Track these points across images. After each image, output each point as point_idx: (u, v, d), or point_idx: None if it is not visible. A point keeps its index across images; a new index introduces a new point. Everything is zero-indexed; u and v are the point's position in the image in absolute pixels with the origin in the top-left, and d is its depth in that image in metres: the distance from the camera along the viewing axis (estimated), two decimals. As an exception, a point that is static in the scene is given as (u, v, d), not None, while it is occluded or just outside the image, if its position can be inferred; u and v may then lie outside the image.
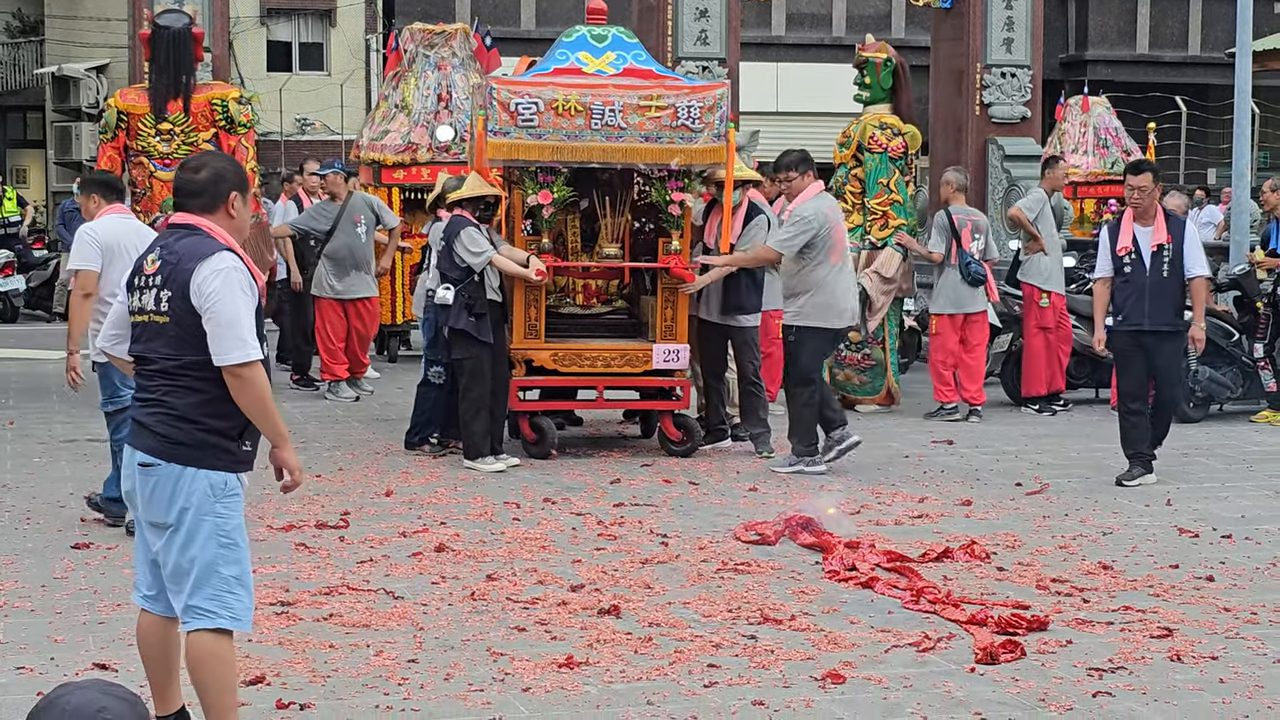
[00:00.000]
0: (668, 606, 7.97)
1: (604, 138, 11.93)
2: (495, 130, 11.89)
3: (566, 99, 11.87)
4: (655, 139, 11.98)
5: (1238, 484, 11.49)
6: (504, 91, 11.90)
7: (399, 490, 10.97)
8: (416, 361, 19.08)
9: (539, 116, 11.86)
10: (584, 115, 11.89)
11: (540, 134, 11.86)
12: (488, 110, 11.94)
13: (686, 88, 12.21)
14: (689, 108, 12.00)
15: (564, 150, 11.94)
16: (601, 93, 11.94)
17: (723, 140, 12.14)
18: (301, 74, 34.16)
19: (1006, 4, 21.01)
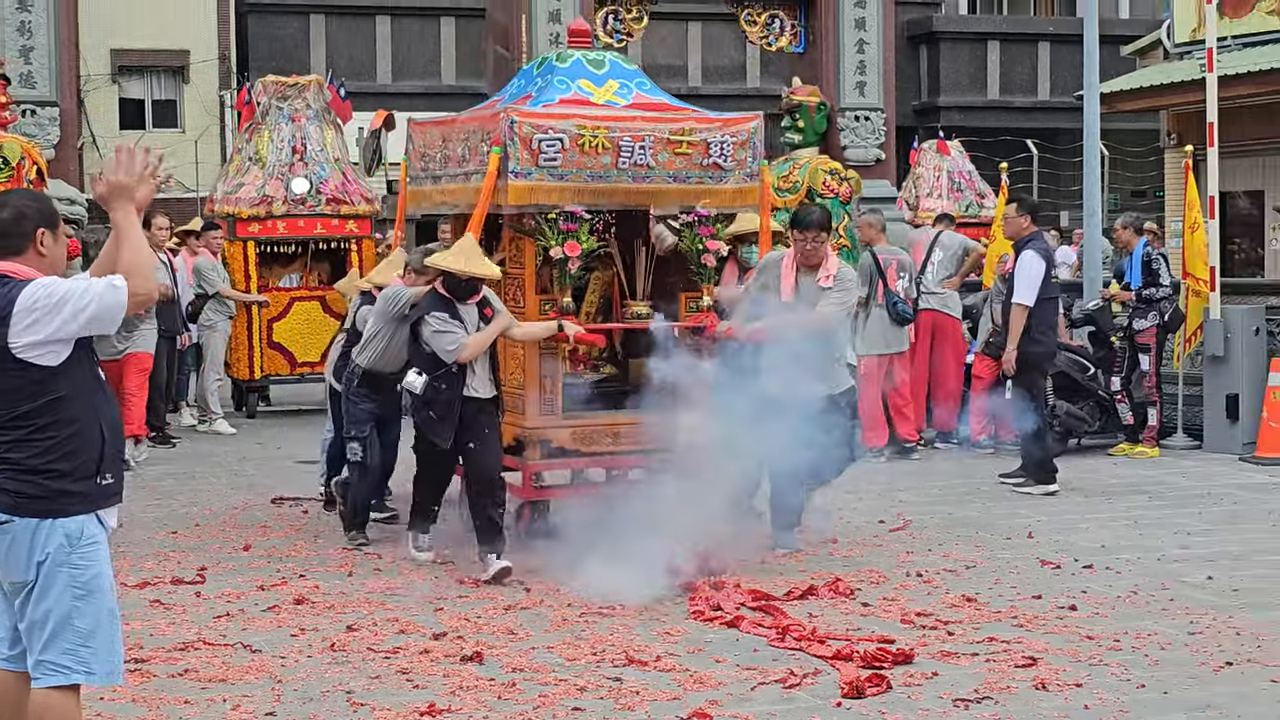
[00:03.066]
0: (531, 651, 7.87)
1: (631, 178, 10.23)
2: (516, 172, 9.96)
3: (594, 134, 10.11)
4: (683, 179, 10.36)
5: (1097, 515, 11.59)
6: (526, 125, 9.97)
7: (258, 544, 10.78)
8: (278, 417, 18.91)
9: (562, 155, 10.04)
10: (612, 152, 10.14)
11: (563, 175, 10.06)
12: (506, 147, 9.98)
13: (717, 120, 10.55)
14: (721, 144, 10.38)
15: (586, 193, 10.15)
16: (629, 127, 10.21)
17: (755, 180, 10.63)
18: (155, 131, 33.74)
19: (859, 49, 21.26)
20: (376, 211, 20.05)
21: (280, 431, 17.43)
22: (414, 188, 11.38)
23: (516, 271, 10.40)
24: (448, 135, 10.87)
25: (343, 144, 19.85)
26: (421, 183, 11.31)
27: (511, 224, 10.28)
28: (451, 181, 10.82)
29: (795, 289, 10.31)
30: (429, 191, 11.21)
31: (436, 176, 11.07)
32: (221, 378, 17.98)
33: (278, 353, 18.84)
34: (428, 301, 9.86)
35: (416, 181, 11.33)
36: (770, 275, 10.47)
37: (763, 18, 21.55)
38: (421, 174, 11.31)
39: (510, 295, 10.44)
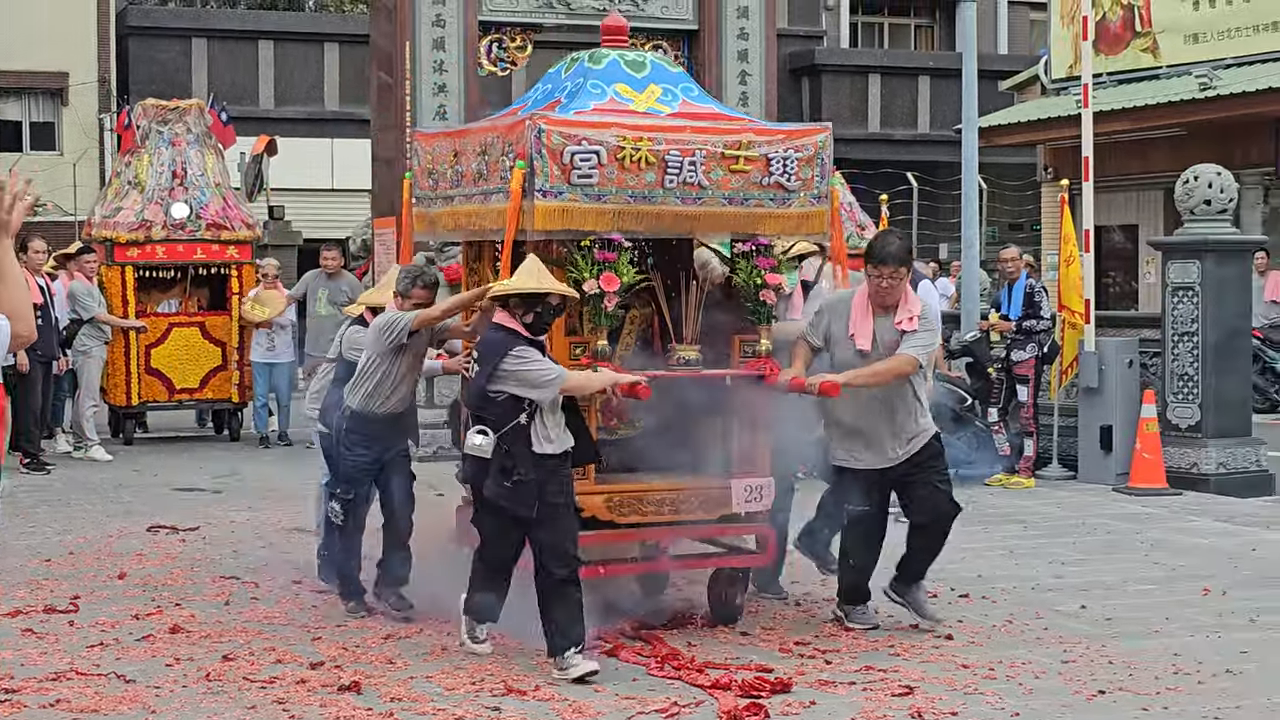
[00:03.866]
0: (410, 681, 7.84)
1: (679, 199, 8.72)
2: (544, 190, 8.44)
3: (637, 147, 8.58)
4: (741, 201, 8.87)
5: (973, 545, 11.69)
6: (556, 135, 8.44)
7: (133, 572, 10.65)
8: (155, 444, 18.70)
9: (599, 171, 8.51)
10: (657, 169, 8.62)
11: (600, 195, 8.55)
12: (532, 161, 8.43)
13: (780, 132, 9.08)
14: (783, 159, 8.89)
15: (627, 217, 8.65)
16: (677, 139, 8.69)
17: (824, 202, 9.08)
18: (33, 154, 33.31)
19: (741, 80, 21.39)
20: (258, 237, 19.92)
21: (158, 458, 17.25)
22: (421, 210, 9.87)
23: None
24: (460, 148, 9.35)
25: (224, 169, 19.71)
26: (430, 204, 9.74)
27: (536, 253, 8.60)
28: (467, 202, 9.26)
29: (871, 333, 8.97)
30: (439, 215, 9.61)
31: (448, 197, 9.48)
32: (97, 403, 17.78)
33: (156, 379, 18.67)
34: (496, 339, 8.17)
35: (424, 203, 9.82)
36: (836, 317, 9.13)
37: (646, 48, 21.60)
38: (430, 194, 9.73)
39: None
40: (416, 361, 9.45)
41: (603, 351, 8.69)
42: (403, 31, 19.17)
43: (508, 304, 8.24)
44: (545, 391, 8.05)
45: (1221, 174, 15.45)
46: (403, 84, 19.08)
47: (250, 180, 27.22)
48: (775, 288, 9.12)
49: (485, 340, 8.29)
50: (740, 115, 9.45)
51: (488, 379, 8.08)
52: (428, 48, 19.35)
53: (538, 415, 8.08)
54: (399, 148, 19.10)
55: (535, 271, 8.28)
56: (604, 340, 8.72)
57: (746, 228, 8.97)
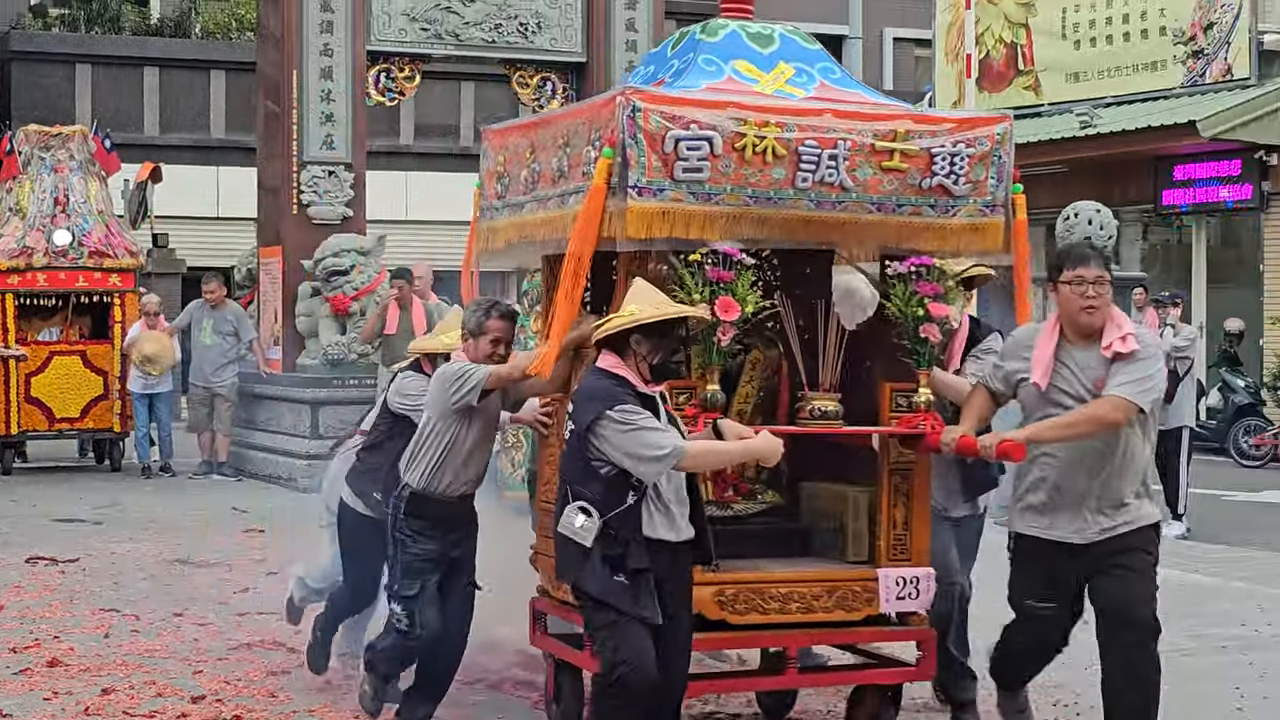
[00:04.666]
0: (292, 715, 7.80)
1: (814, 202, 6.83)
2: (639, 186, 6.60)
3: (760, 134, 6.69)
4: (894, 207, 6.98)
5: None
6: (656, 116, 6.60)
7: (10, 604, 10.50)
8: (35, 474, 18.46)
9: (711, 163, 6.65)
10: (787, 163, 6.75)
11: (712, 194, 6.68)
12: (624, 149, 6.60)
13: (948, 120, 7.18)
14: (950, 156, 7.02)
15: (747, 222, 6.78)
16: (814, 125, 6.82)
17: (999, 212, 7.18)
18: (-89, 179, 32.88)
19: (630, 113, 21.60)
20: (141, 265, 19.77)
21: (37, 489, 17.05)
22: (487, 223, 7.98)
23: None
24: (538, 142, 7.46)
25: (107, 196, 19.56)
26: (497, 215, 7.85)
27: (629, 269, 6.92)
28: (541, 208, 7.32)
29: (1060, 367, 6.81)
30: (504, 226, 7.74)
31: (518, 204, 7.60)
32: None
33: (35, 408, 18.47)
34: (595, 390, 6.25)
35: (490, 214, 7.94)
36: (1018, 354, 7.00)
37: (535, 80, 21.70)
38: (497, 203, 7.87)
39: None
40: (490, 430, 7.43)
41: (714, 400, 6.77)
42: (290, 60, 19.13)
43: (621, 344, 6.28)
44: (651, 468, 6.12)
45: (1101, 211, 15.72)
46: (290, 113, 19.05)
47: (134, 208, 27.00)
48: (940, 321, 7.11)
49: (583, 390, 6.32)
50: (893, 102, 7.43)
51: (582, 444, 6.19)
52: (315, 77, 19.34)
53: (651, 492, 6.24)
54: (285, 176, 19.07)
55: (650, 295, 6.37)
56: (715, 385, 6.79)
57: (900, 242, 7.08)
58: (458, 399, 7.07)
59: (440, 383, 7.20)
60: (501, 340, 7.29)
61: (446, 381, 7.14)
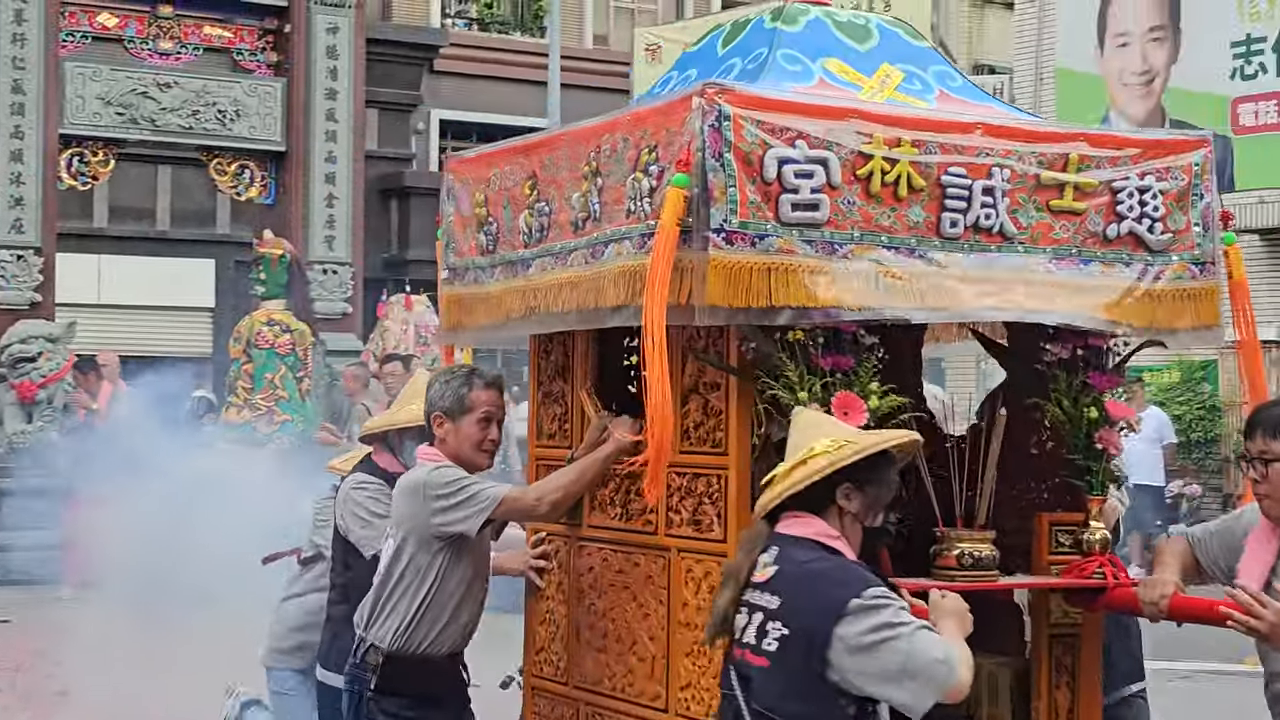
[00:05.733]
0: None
1: (969, 255, 4.98)
2: (728, 230, 4.69)
3: (889, 155, 4.86)
4: (1079, 263, 5.14)
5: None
6: (750, 128, 4.71)
7: None
8: None
9: (827, 197, 4.77)
10: (927, 199, 4.92)
11: (837, 244, 4.79)
12: (705, 175, 4.69)
13: (1131, 143, 5.30)
14: (1140, 192, 5.22)
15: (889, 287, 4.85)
16: (958, 144, 4.96)
17: (1212, 273, 5.37)
18: None
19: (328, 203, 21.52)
20: None
21: None
22: (463, 290, 6.01)
23: (711, 460, 5.16)
24: (546, 171, 5.51)
25: None
26: (484, 278, 5.87)
27: (697, 353, 5.14)
28: (559, 266, 5.38)
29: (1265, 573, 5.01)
30: (499, 294, 5.75)
31: (519, 262, 5.63)
32: None
33: None
34: (829, 570, 4.21)
35: (469, 277, 5.97)
36: (1227, 542, 5.26)
37: (232, 168, 21.62)
38: (481, 261, 5.88)
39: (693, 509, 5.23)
40: (483, 566, 5.65)
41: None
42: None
43: (821, 500, 4.31)
44: (932, 692, 4.06)
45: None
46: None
47: None
48: (1123, 425, 5.34)
49: (808, 578, 4.19)
50: (1040, 121, 5.97)
51: (812, 658, 4.07)
52: (4, 159, 19.00)
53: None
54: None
55: (830, 425, 4.48)
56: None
57: (1093, 315, 5.13)
58: (448, 522, 5.29)
59: (414, 496, 5.34)
60: (492, 418, 5.61)
61: (428, 495, 5.31)
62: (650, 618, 5.37)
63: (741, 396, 4.97)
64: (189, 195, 29.13)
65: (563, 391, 5.90)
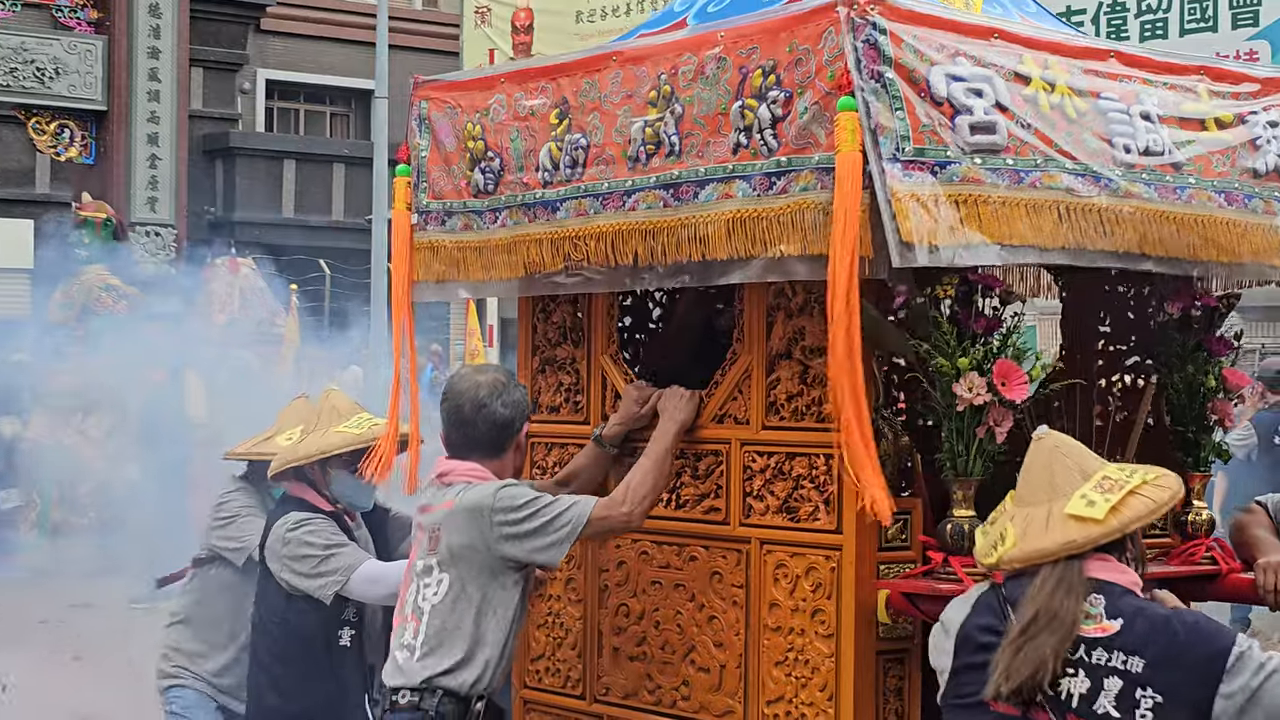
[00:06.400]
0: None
1: (1152, 186, 4.39)
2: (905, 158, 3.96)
3: (1047, 76, 4.27)
4: (1244, 201, 4.64)
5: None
6: (910, 39, 4.05)
7: None
8: None
9: (1004, 120, 4.11)
10: (1095, 126, 4.32)
11: (1022, 172, 4.11)
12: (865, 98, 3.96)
13: (1249, 78, 4.86)
14: (1271, 128, 4.77)
15: (1085, 219, 4.21)
16: (1101, 69, 4.45)
17: None
18: None
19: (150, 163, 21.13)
20: None
21: None
22: (439, 238, 5.23)
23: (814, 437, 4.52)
24: (586, 92, 4.76)
25: None
26: (466, 225, 5.16)
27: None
28: (610, 211, 4.64)
29: None
30: (503, 244, 5.01)
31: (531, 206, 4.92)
32: None
33: None
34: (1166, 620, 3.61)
35: (441, 223, 5.24)
36: None
37: (52, 127, 21.17)
38: (476, 204, 5.12)
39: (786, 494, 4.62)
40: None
41: (961, 535, 4.28)
42: None
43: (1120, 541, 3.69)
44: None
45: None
46: None
47: None
48: (1237, 395, 5.02)
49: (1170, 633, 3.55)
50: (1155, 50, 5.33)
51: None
52: None
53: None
54: None
55: (1087, 455, 3.81)
56: (970, 510, 4.30)
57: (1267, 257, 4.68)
58: (526, 551, 4.60)
59: (474, 522, 4.61)
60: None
61: (495, 520, 4.58)
62: (718, 621, 4.72)
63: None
64: (7, 154, 28.44)
65: (572, 358, 5.20)
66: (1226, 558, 4.79)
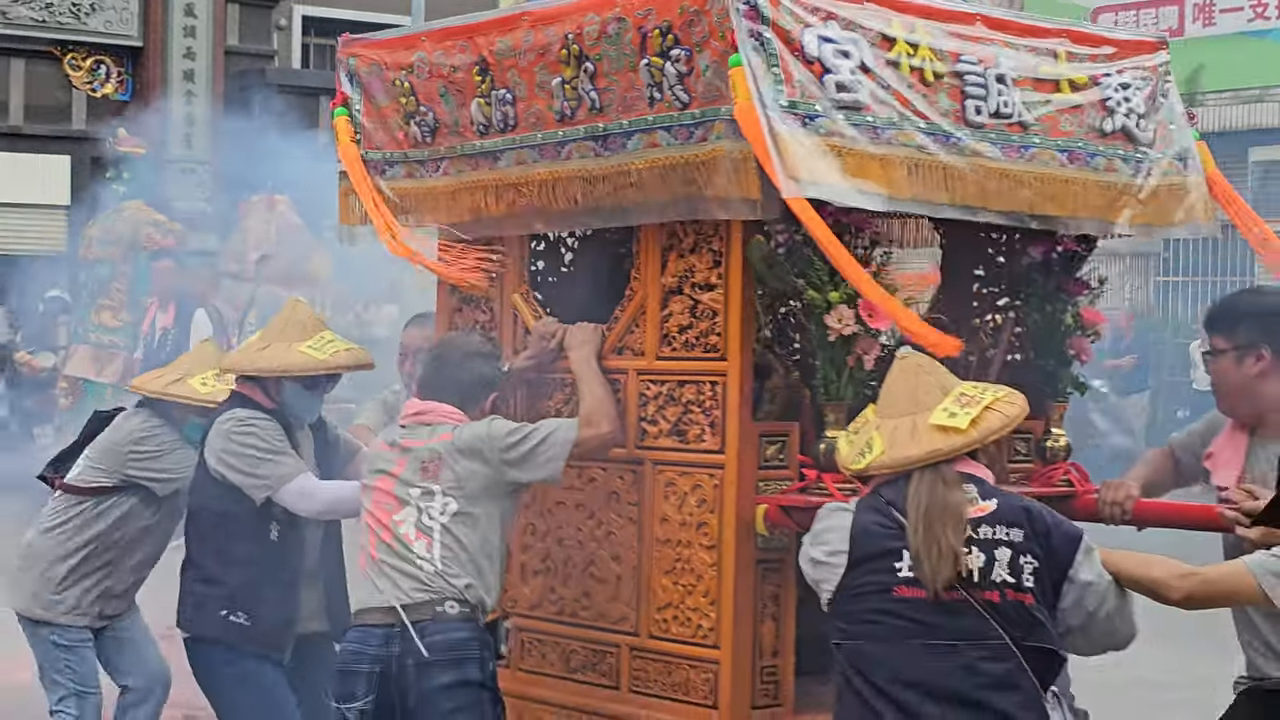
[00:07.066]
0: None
1: (998, 146, 4.77)
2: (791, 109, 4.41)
3: (911, 40, 4.67)
4: (1086, 158, 4.99)
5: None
6: (787, 3, 4.49)
7: None
8: None
9: (866, 80, 4.54)
10: (948, 87, 4.71)
11: (879, 128, 4.54)
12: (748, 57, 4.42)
13: (1107, 41, 5.22)
14: (1123, 90, 5.12)
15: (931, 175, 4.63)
16: (966, 32, 4.82)
17: (1195, 167, 5.32)
18: None
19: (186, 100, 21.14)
20: None
21: None
22: (396, 184, 5.58)
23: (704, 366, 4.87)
24: (507, 55, 5.10)
25: None
26: (410, 174, 5.53)
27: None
28: (548, 160, 5.04)
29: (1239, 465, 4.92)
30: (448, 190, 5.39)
31: (484, 154, 5.27)
32: None
33: None
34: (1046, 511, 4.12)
35: (383, 173, 5.60)
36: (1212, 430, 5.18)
37: (88, 63, 21.18)
38: (418, 154, 5.50)
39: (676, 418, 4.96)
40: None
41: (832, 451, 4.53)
42: None
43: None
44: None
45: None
46: None
47: None
48: (1093, 332, 5.37)
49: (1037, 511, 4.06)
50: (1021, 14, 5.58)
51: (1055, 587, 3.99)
52: None
53: None
54: None
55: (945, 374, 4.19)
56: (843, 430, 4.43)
57: (1104, 211, 5.07)
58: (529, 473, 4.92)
59: (476, 455, 4.88)
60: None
61: (495, 449, 4.88)
62: (615, 536, 5.06)
63: (744, 297, 4.65)
64: (43, 90, 28.52)
65: (487, 296, 5.52)
66: (1081, 480, 5.22)
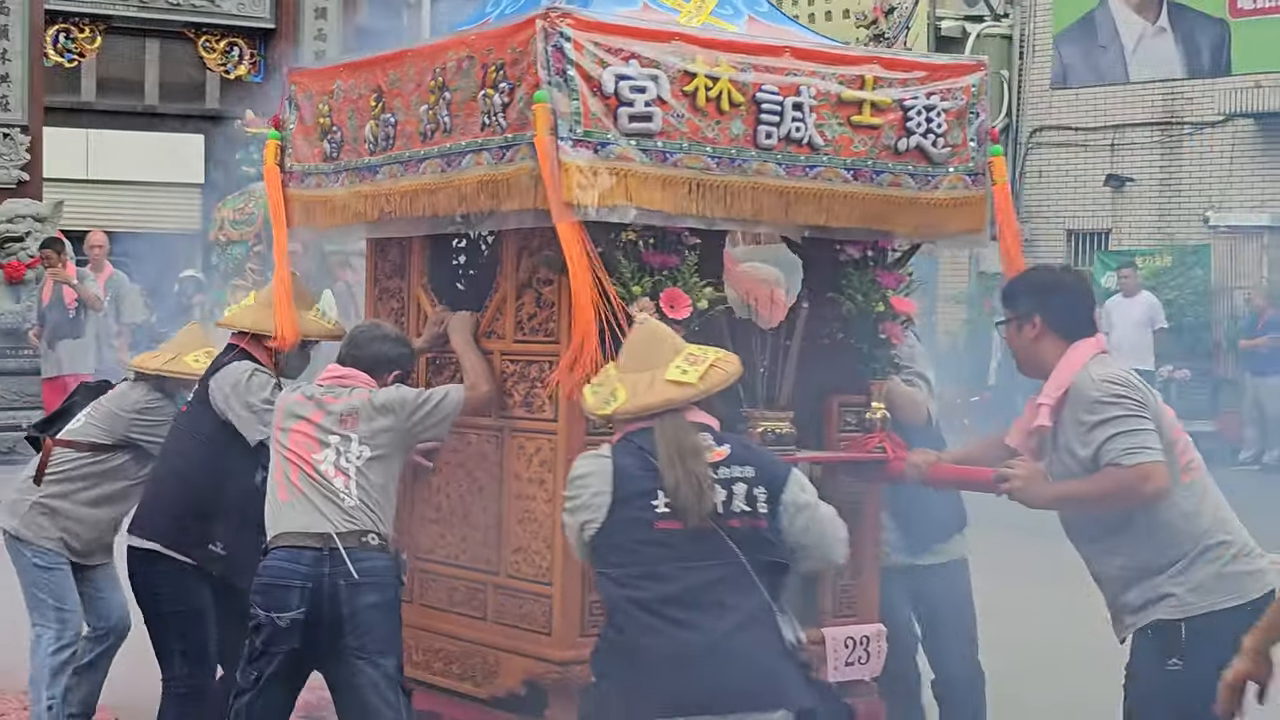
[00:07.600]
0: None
1: (782, 166, 5.58)
2: (578, 139, 5.25)
3: (713, 75, 5.45)
4: (871, 175, 5.78)
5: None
6: (590, 48, 5.29)
7: None
8: None
9: (659, 110, 5.34)
10: (745, 114, 5.51)
11: (668, 153, 5.37)
12: (552, 91, 5.24)
13: (919, 65, 5.99)
14: (927, 111, 5.87)
15: (709, 194, 5.47)
16: (770, 65, 5.58)
17: (982, 184, 6.08)
18: None
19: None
20: None
21: None
22: (307, 192, 6.49)
23: (544, 349, 5.78)
24: (393, 84, 5.99)
25: None
26: (327, 182, 6.38)
27: (540, 257, 5.69)
28: (409, 174, 5.90)
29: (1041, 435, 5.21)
30: (345, 198, 6.24)
31: (366, 169, 6.13)
32: None
33: None
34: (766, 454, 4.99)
35: (312, 181, 6.47)
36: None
37: (221, 45, 21.43)
38: (325, 167, 6.39)
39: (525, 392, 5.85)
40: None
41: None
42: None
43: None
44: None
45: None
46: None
47: None
48: (904, 319, 6.13)
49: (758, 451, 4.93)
50: (840, 45, 6.39)
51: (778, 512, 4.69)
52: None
53: None
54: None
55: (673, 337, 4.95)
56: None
57: (882, 222, 5.89)
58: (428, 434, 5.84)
59: (394, 413, 5.66)
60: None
61: (405, 410, 5.69)
62: (485, 491, 5.98)
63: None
64: (178, 70, 28.89)
65: (399, 289, 6.49)
66: (894, 448, 5.93)
